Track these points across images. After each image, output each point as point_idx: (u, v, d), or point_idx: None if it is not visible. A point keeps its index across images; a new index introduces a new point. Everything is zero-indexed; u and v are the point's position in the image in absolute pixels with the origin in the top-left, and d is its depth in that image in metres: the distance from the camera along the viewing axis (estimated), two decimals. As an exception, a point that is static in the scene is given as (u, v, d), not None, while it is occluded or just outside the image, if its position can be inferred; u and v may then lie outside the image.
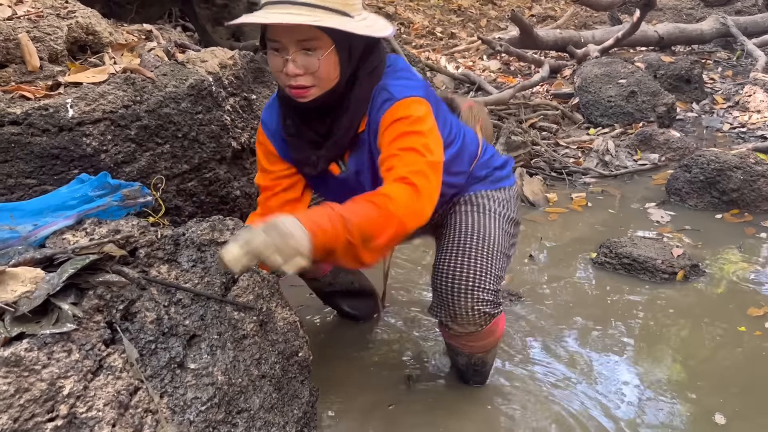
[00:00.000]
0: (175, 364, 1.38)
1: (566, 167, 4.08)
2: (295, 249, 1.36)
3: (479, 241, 1.86)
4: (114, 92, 1.96)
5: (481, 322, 1.81)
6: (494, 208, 1.96)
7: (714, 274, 2.76)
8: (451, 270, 1.81)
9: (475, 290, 1.78)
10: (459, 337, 1.89)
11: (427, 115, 1.64)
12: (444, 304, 1.82)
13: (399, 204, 1.52)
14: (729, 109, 5.33)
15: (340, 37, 1.54)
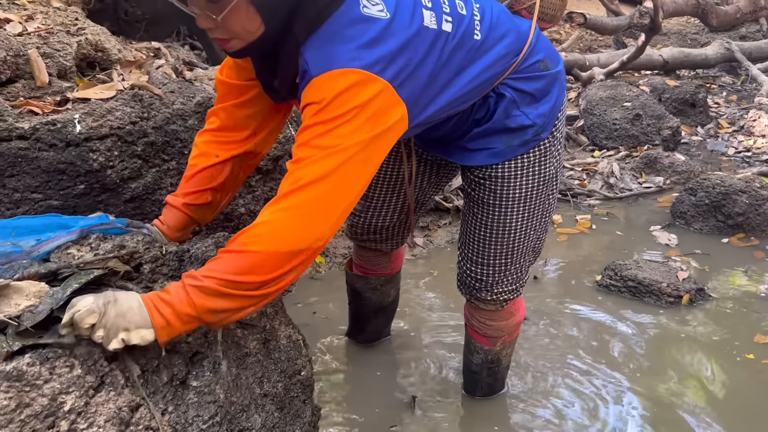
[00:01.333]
0: (178, 381, 1.37)
1: (571, 189, 4.08)
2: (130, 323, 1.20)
3: (504, 242, 1.75)
4: (122, 108, 1.97)
5: (502, 303, 1.87)
6: (528, 193, 1.70)
7: (720, 298, 2.74)
8: (473, 269, 1.84)
9: (495, 287, 1.83)
10: (481, 313, 1.92)
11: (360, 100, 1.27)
12: (466, 289, 1.89)
13: (266, 239, 1.26)
14: (734, 133, 5.33)
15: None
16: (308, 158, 1.28)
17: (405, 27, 1.36)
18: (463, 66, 1.49)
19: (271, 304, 1.66)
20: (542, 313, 2.64)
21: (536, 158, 1.68)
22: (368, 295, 2.26)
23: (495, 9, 1.59)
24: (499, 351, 2.00)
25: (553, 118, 1.68)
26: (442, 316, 2.60)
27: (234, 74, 1.60)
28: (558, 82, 1.69)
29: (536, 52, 1.63)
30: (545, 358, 2.31)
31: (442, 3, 1.47)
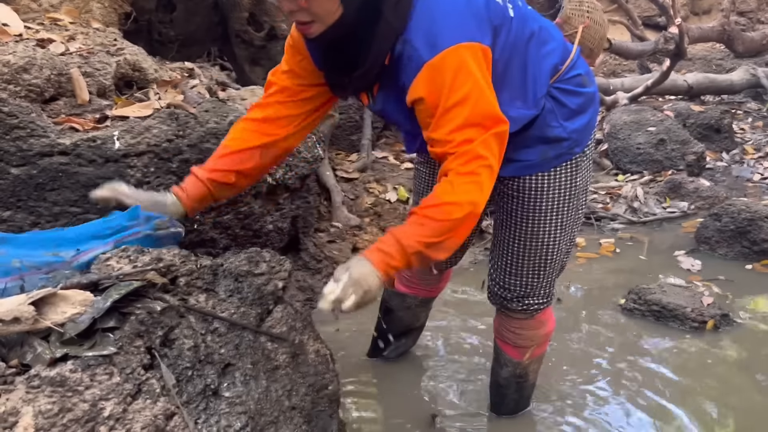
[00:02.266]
0: (210, 392, 1.41)
1: (595, 212, 4.08)
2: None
3: (536, 254, 1.80)
4: (158, 126, 2.04)
5: (533, 313, 1.91)
6: (559, 205, 1.75)
7: (745, 324, 2.72)
8: (504, 280, 1.87)
9: (525, 299, 1.87)
10: (511, 322, 1.94)
11: (470, 63, 1.39)
12: (496, 299, 1.92)
13: (471, 199, 1.42)
14: (759, 159, 5.30)
15: None
16: (474, 139, 1.41)
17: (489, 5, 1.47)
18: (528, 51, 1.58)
19: (301, 318, 1.70)
20: (566, 335, 2.65)
21: (568, 172, 1.73)
22: (401, 315, 2.29)
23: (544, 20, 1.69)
24: (528, 365, 2.02)
25: (587, 135, 1.75)
26: (464, 336, 2.62)
27: (287, 79, 1.67)
28: (594, 102, 1.76)
29: (578, 67, 1.71)
30: (568, 381, 2.31)
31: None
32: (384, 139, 4.56)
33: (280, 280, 1.68)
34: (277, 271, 1.69)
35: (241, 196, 2.34)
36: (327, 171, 3.48)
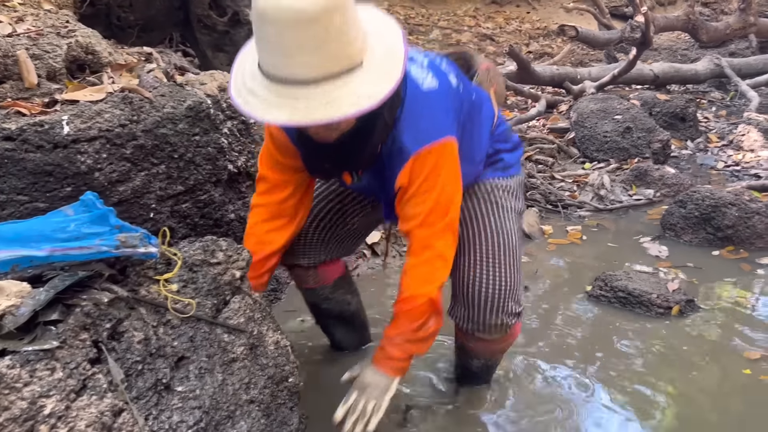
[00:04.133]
0: (162, 386, 1.35)
1: (562, 200, 4.08)
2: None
3: (503, 248, 1.89)
4: (111, 111, 1.95)
5: (507, 329, 1.91)
6: (509, 204, 1.95)
7: (709, 310, 2.74)
8: (480, 283, 1.86)
9: (506, 305, 1.86)
10: (479, 341, 1.96)
11: (444, 161, 1.64)
12: (471, 317, 1.89)
13: (425, 291, 1.70)
14: (723, 147, 5.36)
15: None
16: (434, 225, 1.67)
17: (451, 91, 1.68)
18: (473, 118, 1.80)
19: (260, 308, 1.64)
20: (532, 322, 2.63)
21: (515, 182, 2.01)
22: (325, 306, 2.27)
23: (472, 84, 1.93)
24: (500, 355, 2.11)
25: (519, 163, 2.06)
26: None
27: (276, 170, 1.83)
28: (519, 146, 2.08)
29: (502, 122, 2.01)
30: (535, 368, 2.30)
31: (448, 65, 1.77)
32: (351, 127, 4.50)
33: (238, 270, 1.63)
34: (234, 261, 1.64)
35: (201, 183, 2.26)
36: (292, 159, 3.41)
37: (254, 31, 1.40)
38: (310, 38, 1.32)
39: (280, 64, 1.36)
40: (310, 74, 1.35)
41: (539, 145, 4.98)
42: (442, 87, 1.66)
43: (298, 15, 1.30)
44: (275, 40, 1.34)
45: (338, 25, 1.34)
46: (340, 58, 1.36)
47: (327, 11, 1.32)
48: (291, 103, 1.37)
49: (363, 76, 1.40)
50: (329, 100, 1.36)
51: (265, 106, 1.39)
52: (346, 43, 1.37)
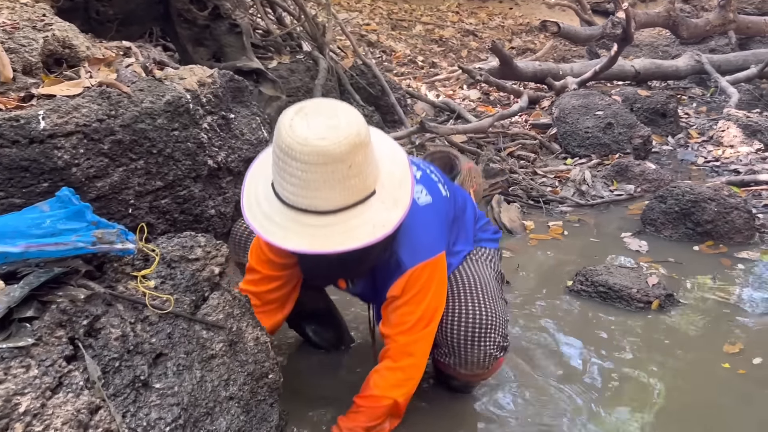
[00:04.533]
0: (140, 383, 1.34)
1: (543, 195, 4.10)
2: None
3: (481, 287, 1.92)
4: (88, 105, 1.93)
5: (489, 365, 1.89)
6: (484, 257, 2.06)
7: (689, 304, 2.76)
8: (462, 319, 1.86)
9: (488, 336, 1.86)
10: (462, 375, 1.96)
11: (435, 275, 1.75)
12: (454, 352, 1.88)
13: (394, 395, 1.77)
14: (703, 143, 5.41)
15: None
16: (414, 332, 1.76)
17: (442, 202, 1.83)
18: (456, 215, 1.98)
19: (239, 304, 1.63)
20: (512, 316, 2.64)
21: (493, 251, 2.14)
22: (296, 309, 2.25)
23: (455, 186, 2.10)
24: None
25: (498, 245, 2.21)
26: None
27: (267, 266, 1.86)
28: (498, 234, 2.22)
29: (482, 216, 2.19)
30: (514, 363, 2.31)
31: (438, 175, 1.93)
32: (333, 122, 4.48)
33: (217, 266, 1.62)
34: (213, 257, 1.63)
35: (180, 179, 2.25)
36: (274, 155, 3.40)
37: (275, 160, 1.47)
38: (334, 175, 1.42)
39: (301, 196, 1.45)
40: (330, 206, 1.46)
41: (521, 141, 5.00)
42: (436, 201, 1.79)
43: (325, 155, 1.40)
44: (299, 174, 1.43)
45: (359, 163, 1.45)
46: (359, 190, 1.47)
47: (352, 151, 1.42)
48: (310, 232, 1.46)
49: (377, 204, 1.51)
50: (346, 230, 1.47)
51: (284, 233, 1.47)
52: (365, 177, 1.48)
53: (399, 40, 8.65)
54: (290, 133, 1.43)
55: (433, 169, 1.98)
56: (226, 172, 2.50)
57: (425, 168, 1.93)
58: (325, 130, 1.43)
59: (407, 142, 4.55)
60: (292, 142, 1.41)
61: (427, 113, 5.53)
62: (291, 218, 1.47)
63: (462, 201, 2.05)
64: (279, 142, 1.44)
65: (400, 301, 1.74)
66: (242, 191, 1.60)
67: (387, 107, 4.84)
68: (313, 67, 4.22)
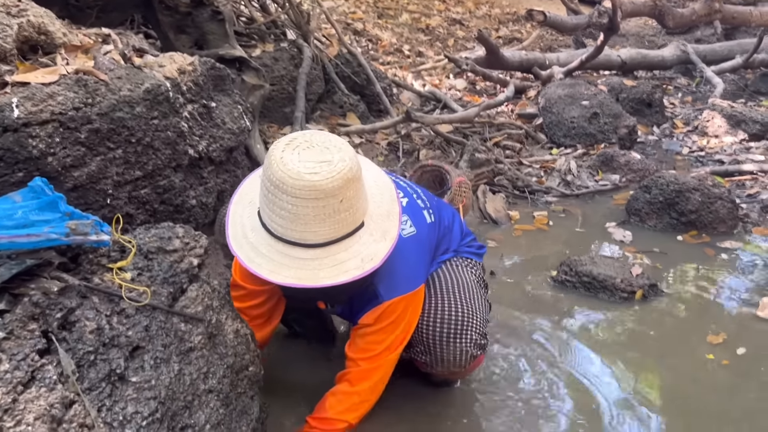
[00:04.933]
0: (116, 377, 1.31)
1: (529, 186, 4.10)
2: None
3: (461, 287, 1.91)
4: (64, 93, 1.89)
5: (466, 363, 1.86)
6: (465, 263, 2.05)
7: (672, 294, 2.77)
8: (439, 317, 1.83)
9: (465, 334, 1.83)
10: (438, 373, 1.95)
11: (410, 308, 1.76)
12: (430, 351, 1.86)
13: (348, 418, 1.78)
14: (688, 133, 5.42)
15: None
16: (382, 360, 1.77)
17: (426, 231, 1.83)
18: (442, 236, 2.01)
19: (218, 296, 1.61)
20: (496, 306, 2.63)
21: (477, 262, 2.13)
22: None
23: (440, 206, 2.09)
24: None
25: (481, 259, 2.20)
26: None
27: (249, 280, 1.83)
28: (483, 249, 2.21)
29: (468, 233, 2.18)
30: (498, 353, 2.30)
31: (423, 199, 1.92)
32: (319, 111, 4.44)
33: (196, 257, 1.59)
34: (192, 248, 1.60)
35: (160, 168, 2.21)
36: (257, 144, 3.35)
37: (264, 192, 1.46)
38: (325, 210, 1.42)
39: (291, 229, 1.44)
40: (319, 240, 1.46)
41: (507, 131, 4.98)
42: (420, 232, 1.79)
43: (318, 190, 1.40)
44: (289, 207, 1.42)
45: (351, 197, 1.45)
46: (349, 223, 1.48)
47: (344, 186, 1.42)
48: (298, 264, 1.46)
49: (365, 237, 1.52)
50: (335, 263, 1.47)
51: (271, 266, 1.47)
52: (355, 211, 1.48)
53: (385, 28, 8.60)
54: (282, 167, 1.41)
55: (419, 191, 1.96)
56: (207, 162, 2.47)
57: (411, 193, 1.91)
58: (317, 164, 1.43)
59: (393, 131, 4.53)
60: (284, 175, 1.40)
61: (413, 102, 5.50)
62: (279, 250, 1.47)
63: (449, 220, 2.06)
64: (270, 174, 1.43)
65: (370, 329, 1.75)
66: (227, 218, 1.58)
67: (372, 96, 4.80)
68: (298, 56, 4.17)
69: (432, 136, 4.63)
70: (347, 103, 4.48)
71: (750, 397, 2.09)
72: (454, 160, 4.21)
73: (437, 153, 4.44)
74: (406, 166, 4.17)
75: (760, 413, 2.01)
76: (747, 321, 2.56)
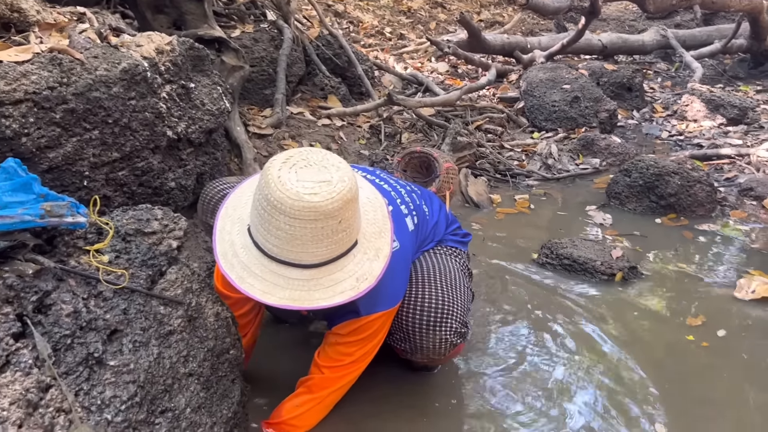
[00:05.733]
0: (93, 361, 1.29)
1: (510, 169, 4.10)
2: None
3: (443, 275, 1.89)
4: (38, 72, 1.85)
5: (446, 352, 1.83)
6: (449, 252, 2.04)
7: (651, 276, 2.79)
8: (419, 304, 1.81)
9: (445, 322, 1.80)
10: (418, 360, 1.93)
11: (385, 324, 1.74)
12: (409, 338, 1.83)
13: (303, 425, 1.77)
14: (668, 117, 5.46)
15: None
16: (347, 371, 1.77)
17: (409, 245, 1.80)
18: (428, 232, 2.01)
19: (198, 279, 1.59)
20: (477, 288, 2.64)
21: (461, 250, 2.13)
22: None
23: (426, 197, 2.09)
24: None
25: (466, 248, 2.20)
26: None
27: (232, 288, 1.71)
28: (468, 237, 2.22)
29: (454, 221, 2.19)
30: (480, 335, 2.31)
31: (407, 202, 1.90)
32: (300, 94, 4.40)
33: (175, 240, 1.56)
34: (171, 230, 1.57)
35: (138, 150, 2.17)
36: (237, 126, 3.32)
37: (259, 211, 1.42)
38: (323, 231, 1.40)
39: (286, 250, 1.41)
40: (315, 260, 1.43)
41: (489, 115, 4.98)
42: (404, 246, 1.75)
43: (317, 211, 1.37)
44: (286, 228, 1.38)
45: (348, 218, 1.43)
46: (344, 243, 1.45)
47: (343, 207, 1.40)
48: (292, 285, 1.43)
49: (359, 256, 1.50)
50: (330, 284, 1.45)
51: (264, 286, 1.43)
52: (351, 231, 1.46)
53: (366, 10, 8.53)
54: (279, 187, 1.37)
55: (402, 190, 1.93)
56: (186, 144, 2.43)
57: (396, 198, 1.87)
58: (316, 185, 1.39)
59: (375, 114, 4.50)
60: (283, 196, 1.36)
61: (395, 85, 5.47)
62: (272, 270, 1.43)
63: (435, 215, 2.05)
64: (267, 194, 1.38)
65: (343, 340, 1.73)
66: (214, 233, 1.53)
67: (354, 79, 4.77)
68: (278, 37, 4.12)
69: (414, 120, 4.61)
70: (328, 86, 4.45)
71: (729, 379, 2.11)
72: (436, 143, 4.20)
73: (419, 136, 4.42)
74: (388, 149, 4.15)
75: (739, 395, 2.03)
76: (725, 302, 2.59)
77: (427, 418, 1.89)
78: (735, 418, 1.93)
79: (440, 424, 1.88)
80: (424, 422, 1.88)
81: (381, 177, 1.97)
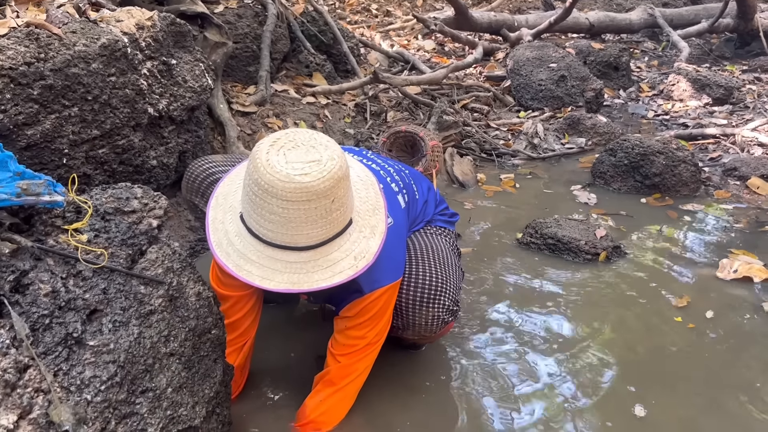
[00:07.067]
0: (72, 341, 1.28)
1: (496, 148, 4.09)
2: None
3: (434, 252, 1.89)
4: (14, 47, 1.81)
5: (437, 329, 1.84)
6: (439, 231, 2.04)
7: (635, 256, 2.81)
8: (412, 282, 1.81)
9: (438, 300, 1.80)
10: (408, 337, 1.92)
11: (391, 299, 1.72)
12: (401, 315, 1.82)
13: (330, 420, 1.75)
14: (654, 97, 5.47)
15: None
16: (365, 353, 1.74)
17: (402, 221, 1.79)
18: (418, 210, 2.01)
19: (179, 259, 1.57)
20: (464, 269, 2.64)
21: (450, 231, 2.13)
22: None
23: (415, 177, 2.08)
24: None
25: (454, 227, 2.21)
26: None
27: (232, 287, 1.76)
28: (455, 217, 2.23)
29: (442, 201, 2.19)
30: (467, 314, 2.31)
31: (396, 180, 1.87)
32: (284, 71, 4.36)
33: (155, 219, 1.54)
34: (151, 209, 1.55)
35: (119, 127, 2.14)
36: (221, 104, 3.28)
37: (250, 196, 1.40)
38: (317, 211, 1.38)
39: (281, 233, 1.39)
40: (311, 242, 1.41)
41: (475, 93, 4.96)
42: (398, 221, 1.74)
43: (309, 192, 1.35)
44: (279, 212, 1.36)
45: (341, 196, 1.41)
46: (339, 222, 1.44)
47: (335, 186, 1.38)
48: (291, 268, 1.42)
49: (355, 234, 1.50)
50: (328, 264, 1.44)
51: (262, 272, 1.42)
52: (345, 209, 1.44)
53: (353, -12, 8.42)
54: (269, 170, 1.35)
55: (392, 169, 1.92)
56: (168, 121, 2.40)
57: (385, 176, 1.86)
58: (306, 165, 1.38)
59: (360, 92, 4.47)
60: (273, 179, 1.34)
61: (381, 63, 5.43)
62: (269, 255, 1.42)
63: (425, 195, 2.05)
64: (256, 178, 1.36)
65: (352, 323, 1.71)
66: (207, 224, 1.52)
67: (339, 56, 4.72)
68: (262, 13, 4.06)
69: (400, 98, 4.58)
70: (313, 63, 4.40)
71: (713, 358, 2.13)
72: (422, 122, 4.18)
73: (405, 115, 4.40)
74: (374, 128, 4.13)
75: (725, 374, 2.05)
76: (707, 282, 2.61)
77: (417, 395, 1.90)
78: (711, 398, 1.95)
79: (430, 400, 1.89)
80: (415, 399, 1.89)
81: (368, 157, 1.96)
